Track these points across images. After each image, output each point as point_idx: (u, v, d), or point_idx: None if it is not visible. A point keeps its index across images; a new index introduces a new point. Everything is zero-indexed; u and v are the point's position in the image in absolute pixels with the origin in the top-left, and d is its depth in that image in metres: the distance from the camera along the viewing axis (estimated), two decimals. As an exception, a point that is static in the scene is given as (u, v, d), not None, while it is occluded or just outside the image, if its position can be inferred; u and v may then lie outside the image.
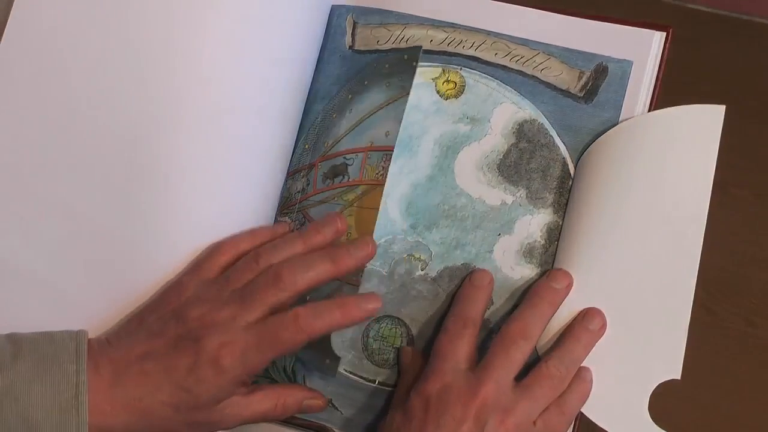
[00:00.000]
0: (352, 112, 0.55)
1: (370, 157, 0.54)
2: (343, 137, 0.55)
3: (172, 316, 0.48)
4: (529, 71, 0.54)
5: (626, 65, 0.53)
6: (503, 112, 0.54)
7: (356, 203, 0.54)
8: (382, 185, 0.53)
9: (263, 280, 0.49)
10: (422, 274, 0.53)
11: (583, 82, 0.53)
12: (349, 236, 0.53)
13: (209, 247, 0.52)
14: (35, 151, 0.51)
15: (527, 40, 0.54)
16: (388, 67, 0.55)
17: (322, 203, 0.55)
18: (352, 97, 0.56)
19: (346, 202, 0.54)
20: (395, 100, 0.54)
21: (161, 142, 0.51)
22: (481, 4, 0.55)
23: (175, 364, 0.46)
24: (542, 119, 0.53)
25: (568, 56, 0.53)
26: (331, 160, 0.55)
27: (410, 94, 0.54)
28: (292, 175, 0.56)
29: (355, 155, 0.54)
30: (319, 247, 0.51)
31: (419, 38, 0.55)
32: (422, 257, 0.53)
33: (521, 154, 0.53)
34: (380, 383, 0.53)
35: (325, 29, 0.57)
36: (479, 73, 0.54)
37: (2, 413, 0.44)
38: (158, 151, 0.51)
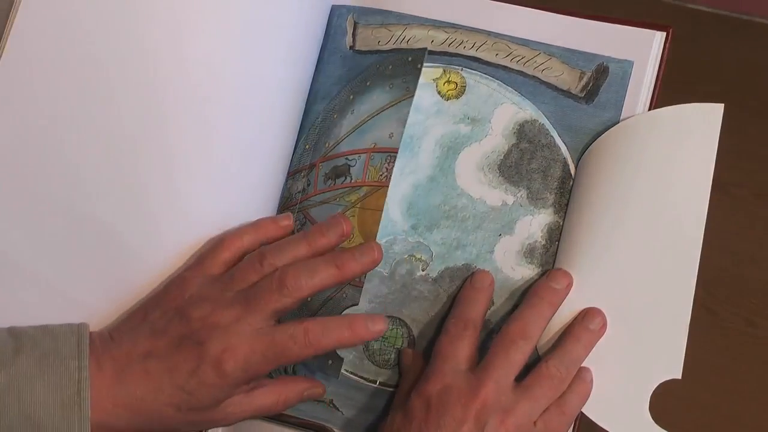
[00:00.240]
0: (353, 113, 0.55)
1: (373, 158, 0.54)
2: (344, 138, 0.55)
3: (175, 313, 0.48)
4: (529, 72, 0.54)
5: (627, 65, 0.53)
6: (504, 112, 0.54)
7: (359, 204, 0.54)
8: (385, 187, 0.53)
9: (267, 284, 0.48)
10: (423, 274, 0.53)
11: (584, 82, 0.53)
12: (351, 237, 0.53)
13: (212, 240, 0.52)
14: (35, 147, 0.51)
15: (528, 40, 0.54)
16: (391, 68, 0.55)
17: (323, 204, 0.55)
18: (353, 97, 0.56)
19: (348, 203, 0.54)
20: (399, 101, 0.54)
21: (161, 141, 0.51)
22: (482, 4, 0.55)
23: (177, 365, 0.46)
24: (543, 120, 0.53)
25: (569, 56, 0.53)
26: (332, 160, 0.55)
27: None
28: (292, 175, 0.56)
29: (357, 156, 0.54)
30: (323, 250, 0.51)
31: (420, 39, 0.55)
32: (423, 258, 0.53)
33: (522, 154, 0.53)
34: (381, 384, 0.53)
35: (325, 29, 0.57)
36: (480, 73, 0.54)
37: (4, 410, 0.44)
38: (158, 149, 0.51)
